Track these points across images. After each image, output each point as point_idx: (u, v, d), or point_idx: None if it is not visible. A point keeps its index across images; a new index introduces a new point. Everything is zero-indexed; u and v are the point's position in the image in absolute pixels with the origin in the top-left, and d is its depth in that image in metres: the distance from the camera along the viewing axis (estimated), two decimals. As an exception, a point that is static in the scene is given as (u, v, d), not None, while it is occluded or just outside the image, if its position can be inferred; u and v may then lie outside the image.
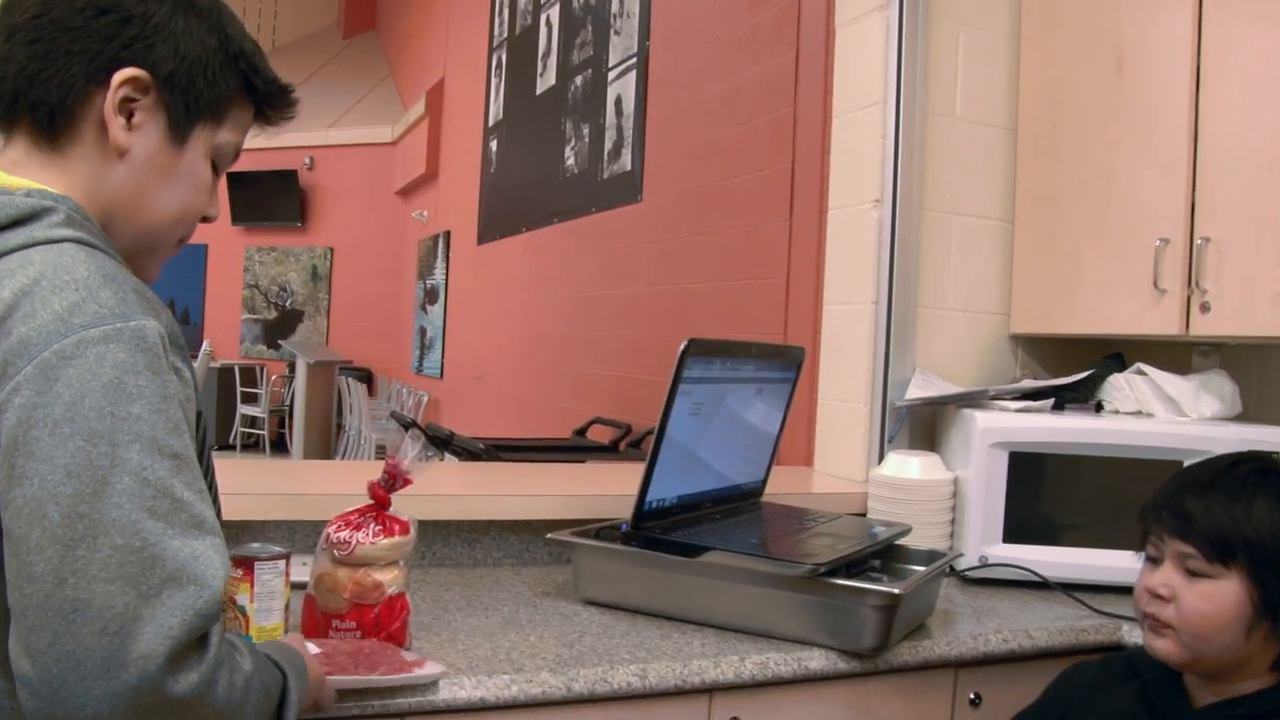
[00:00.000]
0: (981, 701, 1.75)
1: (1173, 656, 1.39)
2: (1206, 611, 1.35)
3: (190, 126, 1.13)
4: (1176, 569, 1.39)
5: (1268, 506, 1.35)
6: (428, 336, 10.81)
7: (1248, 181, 1.98)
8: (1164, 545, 1.41)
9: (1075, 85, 2.33)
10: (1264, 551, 1.33)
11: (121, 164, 1.09)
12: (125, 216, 1.10)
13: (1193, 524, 1.37)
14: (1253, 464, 1.42)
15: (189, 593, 0.92)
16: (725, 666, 1.53)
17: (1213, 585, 1.35)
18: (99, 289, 0.97)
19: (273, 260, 13.30)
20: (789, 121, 3.85)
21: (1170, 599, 1.38)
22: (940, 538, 2.14)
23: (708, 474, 1.93)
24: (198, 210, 1.17)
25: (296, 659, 1.16)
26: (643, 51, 5.48)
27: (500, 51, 8.48)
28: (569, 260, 6.63)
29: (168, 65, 1.09)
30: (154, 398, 0.95)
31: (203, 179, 1.17)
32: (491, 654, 1.49)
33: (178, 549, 0.93)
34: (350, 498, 1.48)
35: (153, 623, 0.89)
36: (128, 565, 0.90)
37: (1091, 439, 2.07)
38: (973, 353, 2.46)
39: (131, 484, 0.92)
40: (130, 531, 0.91)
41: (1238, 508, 1.35)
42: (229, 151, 1.20)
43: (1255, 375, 2.32)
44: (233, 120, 1.18)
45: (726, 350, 1.86)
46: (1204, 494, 1.38)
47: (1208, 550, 1.36)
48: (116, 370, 0.94)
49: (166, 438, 0.95)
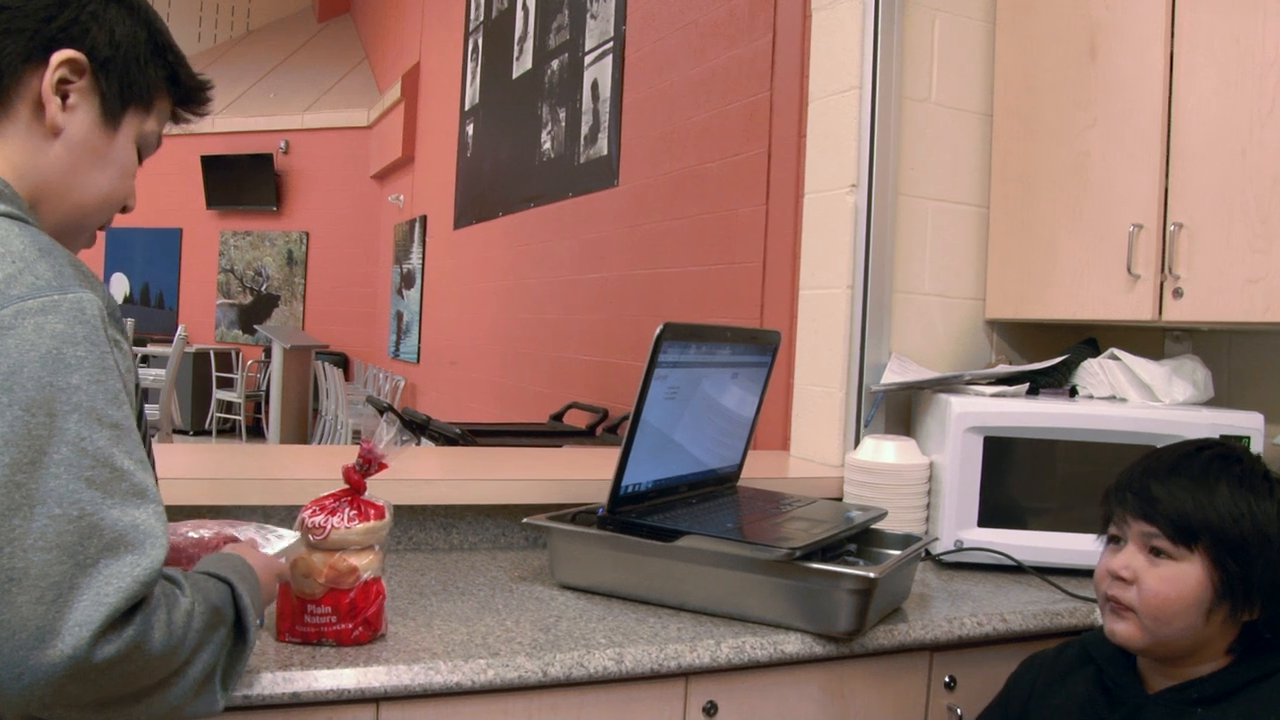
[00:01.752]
0: (956, 684, 1.76)
1: (1133, 639, 1.40)
2: (1168, 594, 1.37)
3: (123, 111, 1.14)
4: (1139, 550, 1.40)
5: (1230, 491, 1.36)
6: (404, 321, 10.78)
7: (1220, 167, 1.99)
8: (1127, 527, 1.42)
9: (1050, 70, 2.33)
10: (1225, 535, 1.35)
11: (55, 144, 1.10)
12: (55, 196, 1.11)
13: (1157, 505, 1.39)
14: (1216, 450, 1.43)
15: (126, 561, 0.93)
16: (701, 650, 1.54)
17: (1175, 567, 1.37)
18: (35, 261, 0.97)
19: (248, 244, 13.21)
20: (765, 106, 3.85)
21: (1132, 581, 1.40)
22: (916, 522, 2.15)
23: (683, 458, 1.93)
24: (121, 197, 1.18)
25: (239, 564, 1.18)
26: (619, 36, 5.46)
27: (476, 35, 8.44)
28: (545, 245, 6.61)
29: (104, 50, 1.11)
30: (93, 368, 0.96)
31: (130, 165, 1.18)
32: (468, 638, 1.49)
33: (116, 518, 0.94)
34: (325, 482, 1.48)
35: (89, 591, 0.91)
36: (65, 534, 0.91)
37: (1066, 424, 2.08)
38: (948, 338, 2.47)
39: (70, 454, 0.93)
40: (68, 501, 0.92)
41: (1201, 491, 1.37)
42: (153, 140, 1.21)
43: (1227, 360, 2.33)
44: (158, 110, 1.20)
45: (702, 335, 1.86)
46: (1168, 477, 1.40)
47: (1171, 531, 1.37)
48: (55, 341, 0.94)
49: (106, 408, 0.96)
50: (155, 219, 12.77)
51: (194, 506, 1.84)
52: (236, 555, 1.21)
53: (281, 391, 10.05)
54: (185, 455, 2.65)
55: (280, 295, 13.10)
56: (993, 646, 1.79)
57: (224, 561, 1.17)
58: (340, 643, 1.41)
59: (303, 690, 1.31)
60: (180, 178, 12.49)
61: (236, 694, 1.27)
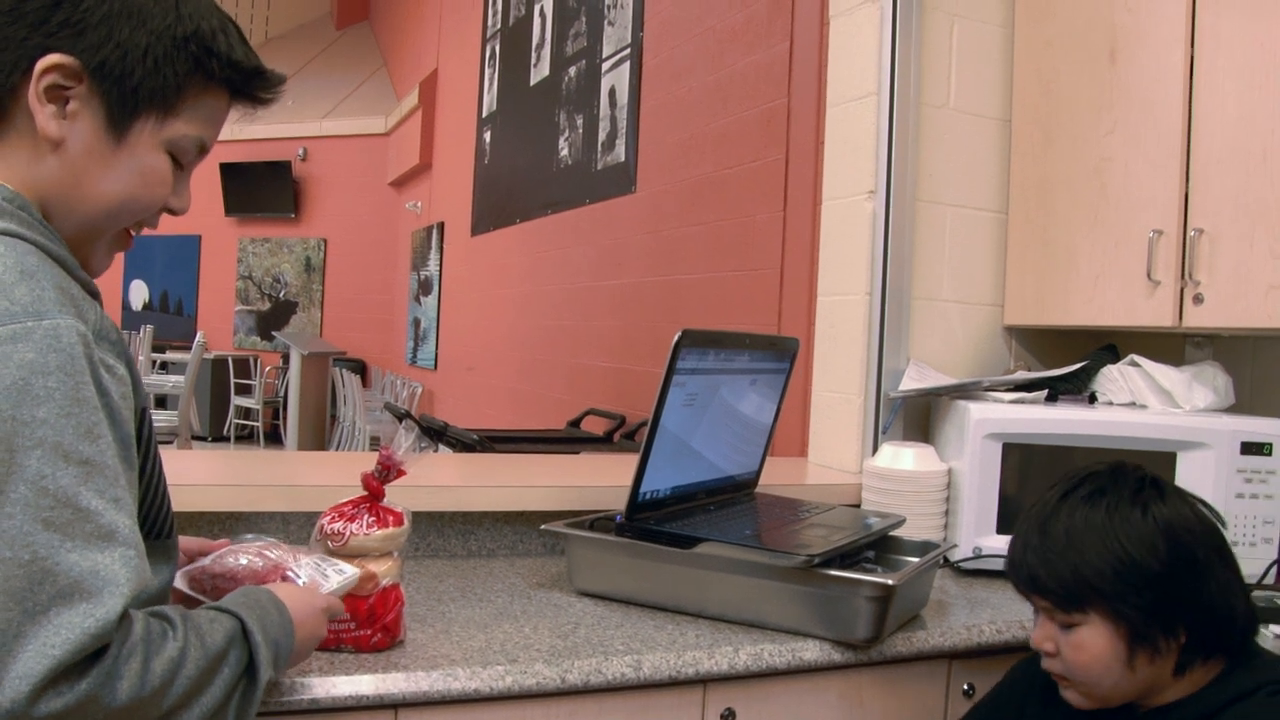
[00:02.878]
0: (975, 692, 1.76)
1: (1081, 705, 1.40)
2: (1084, 660, 1.35)
3: (131, 118, 1.06)
4: (1048, 621, 1.40)
5: (1099, 537, 1.33)
6: (422, 328, 10.80)
7: (1241, 173, 1.98)
8: (1030, 599, 1.42)
9: (1068, 76, 2.33)
10: (1108, 587, 1.32)
11: (55, 154, 1.04)
12: (61, 206, 1.05)
13: (1036, 580, 1.37)
14: (1085, 486, 1.39)
15: (79, 611, 0.87)
16: (719, 657, 1.53)
17: (1081, 633, 1.35)
18: (13, 285, 0.92)
19: (266, 251, 13.27)
20: (783, 112, 3.85)
21: (1055, 653, 1.39)
22: (934, 529, 2.15)
23: (702, 465, 1.93)
24: (148, 203, 1.11)
25: (262, 598, 1.11)
26: (636, 42, 5.47)
27: (494, 42, 8.46)
28: (563, 251, 6.62)
29: (98, 54, 1.03)
30: (64, 400, 0.90)
31: (155, 172, 1.10)
32: (486, 645, 1.49)
33: (74, 563, 0.88)
34: (344, 489, 1.48)
35: (35, 640, 0.85)
36: (13, 579, 0.85)
37: (1085, 430, 2.08)
38: (966, 344, 2.46)
39: (27, 493, 0.87)
40: (20, 544, 0.86)
41: (1070, 551, 1.34)
42: (190, 145, 1.12)
43: (1248, 366, 2.32)
44: (191, 110, 1.10)
45: (720, 341, 1.85)
46: (1040, 541, 1.37)
47: (1060, 603, 1.36)
48: (22, 371, 0.89)
49: (76, 443, 0.90)
50: (174, 226, 12.73)
51: (214, 513, 1.85)
52: (265, 590, 1.15)
53: (299, 398, 10.10)
54: (206, 462, 2.67)
55: (298, 302, 13.15)
56: (1012, 654, 1.77)
57: (246, 596, 1.11)
58: (359, 649, 1.42)
59: (321, 696, 1.31)
60: (199, 185, 12.16)
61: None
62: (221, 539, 1.41)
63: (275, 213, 13.03)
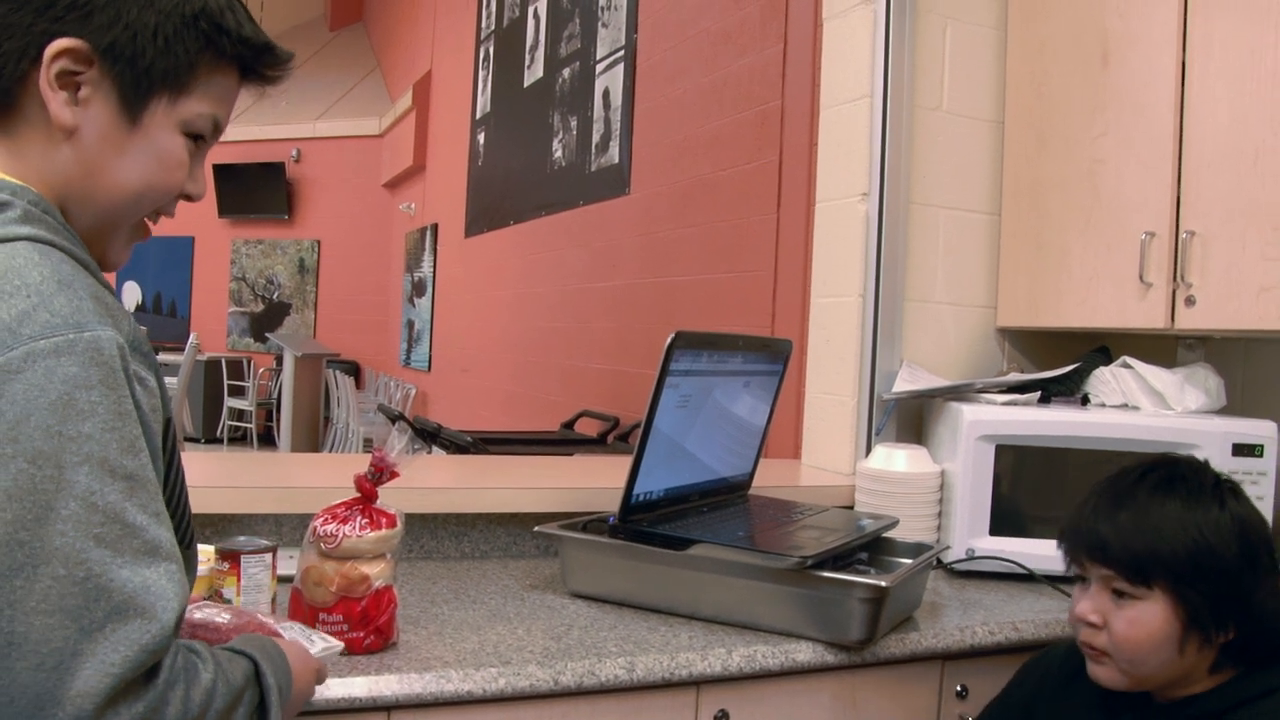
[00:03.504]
0: (968, 694, 1.76)
1: (1114, 683, 1.39)
2: (1136, 636, 1.35)
3: (145, 99, 1.03)
4: (1103, 593, 1.39)
5: (1178, 518, 1.33)
6: (415, 329, 10.79)
7: (1232, 175, 1.98)
8: (1087, 569, 1.41)
9: (1061, 79, 2.33)
10: (1180, 567, 1.32)
11: (69, 143, 1.01)
12: (80, 198, 1.03)
13: (1108, 548, 1.36)
14: (1160, 472, 1.40)
15: (135, 627, 0.86)
16: (713, 659, 1.54)
17: (1139, 607, 1.35)
18: (52, 296, 0.90)
19: (259, 253, 13.25)
20: (776, 114, 3.86)
21: (1101, 625, 1.38)
22: (927, 530, 2.15)
23: (695, 467, 1.93)
24: (166, 188, 1.09)
25: (267, 644, 1.11)
26: (630, 44, 5.47)
27: (488, 44, 8.46)
28: (556, 253, 6.62)
29: (108, 34, 1.00)
30: (108, 415, 0.89)
31: (171, 155, 1.07)
32: (479, 647, 1.49)
33: (126, 579, 0.87)
34: (337, 491, 1.48)
35: (94, 659, 0.84)
36: (69, 597, 0.84)
37: (1077, 432, 2.08)
38: (959, 346, 2.47)
39: (78, 509, 0.86)
40: (74, 561, 0.85)
41: (1148, 525, 1.34)
42: (205, 124, 1.09)
43: (1240, 368, 2.33)
44: (203, 88, 1.07)
45: (713, 343, 1.86)
46: (1115, 514, 1.37)
47: (1127, 573, 1.35)
48: (66, 385, 0.87)
49: (120, 458, 0.89)
50: (167, 228, 12.19)
51: (208, 515, 1.85)
52: (269, 639, 1.14)
53: (293, 400, 10.09)
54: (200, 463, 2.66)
55: (292, 303, 13.14)
56: (1005, 655, 1.78)
57: (252, 641, 1.10)
58: (352, 651, 1.42)
59: (314, 699, 1.31)
60: None
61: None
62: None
63: (269, 214, 13.01)
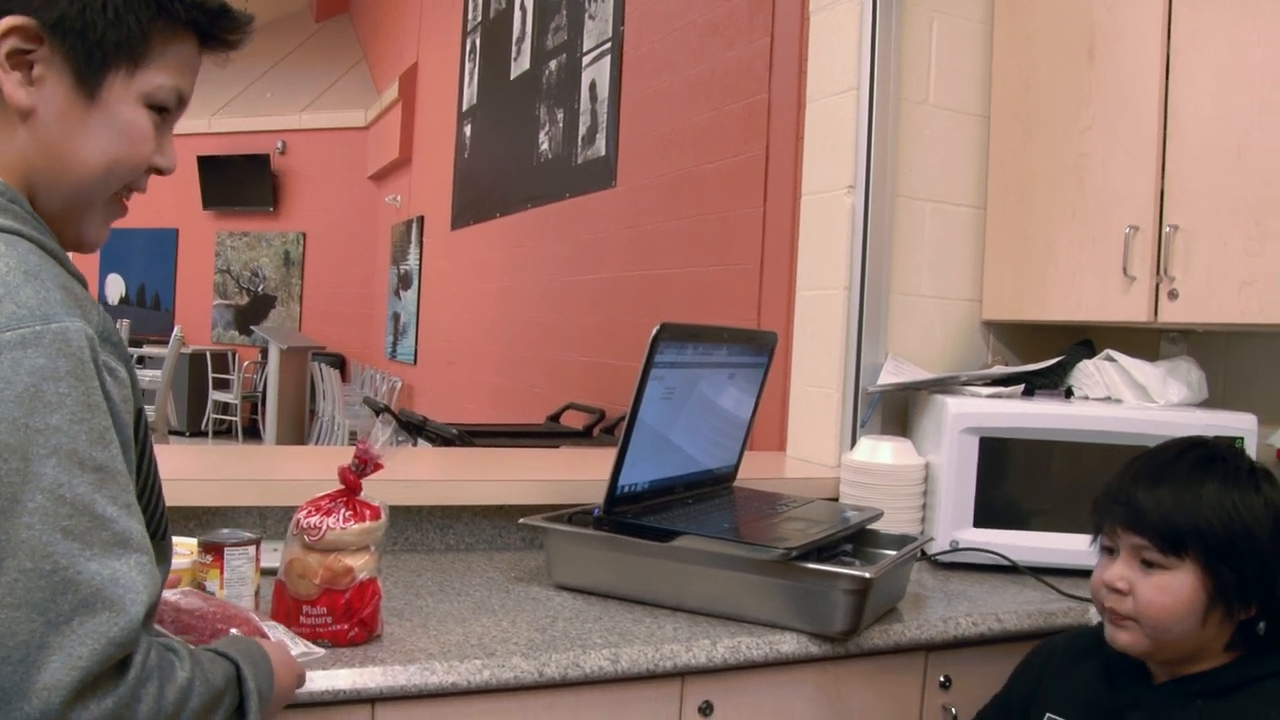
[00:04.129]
0: (952, 684, 1.77)
1: (1134, 647, 1.41)
2: (1164, 603, 1.37)
3: (100, 74, 1.01)
4: (1132, 561, 1.41)
5: (1216, 495, 1.36)
6: (401, 322, 10.77)
7: (1216, 170, 1.99)
8: (1118, 538, 1.42)
9: (1047, 72, 2.34)
10: (1215, 541, 1.35)
11: (27, 126, 1.00)
12: (46, 181, 1.02)
13: (1144, 517, 1.39)
14: (1201, 450, 1.43)
15: (102, 619, 0.86)
16: (697, 650, 1.54)
17: (1168, 576, 1.37)
18: (18, 287, 0.90)
19: (245, 245, 13.21)
20: (763, 107, 3.86)
21: (1127, 592, 1.40)
22: (911, 522, 2.15)
23: (680, 459, 1.93)
24: (134, 163, 1.06)
25: (252, 647, 1.12)
26: (617, 36, 5.46)
27: (474, 35, 8.44)
28: (543, 246, 6.61)
29: (54, 9, 0.98)
30: (76, 406, 0.89)
31: (135, 128, 1.05)
32: (464, 639, 1.49)
33: (94, 571, 0.87)
34: (321, 483, 1.47)
35: (60, 651, 0.84)
36: (35, 590, 0.84)
37: (1061, 425, 2.09)
38: (944, 339, 2.47)
39: (45, 502, 0.86)
40: (41, 554, 0.85)
41: (1187, 498, 1.37)
42: (168, 95, 1.06)
43: (1222, 362, 2.34)
44: (161, 59, 1.05)
45: (699, 335, 1.86)
46: (1154, 485, 1.40)
47: (1160, 543, 1.37)
48: (34, 377, 0.87)
49: (89, 450, 0.89)
50: (151, 219, 12.75)
51: (192, 508, 1.85)
52: (254, 641, 1.14)
53: (278, 393, 10.05)
54: (183, 456, 2.66)
55: (277, 296, 13.10)
56: (988, 646, 1.79)
57: (237, 644, 1.10)
58: (336, 643, 1.41)
59: (299, 691, 1.31)
60: (176, 178, 11.88)
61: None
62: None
63: (254, 206, 12.96)
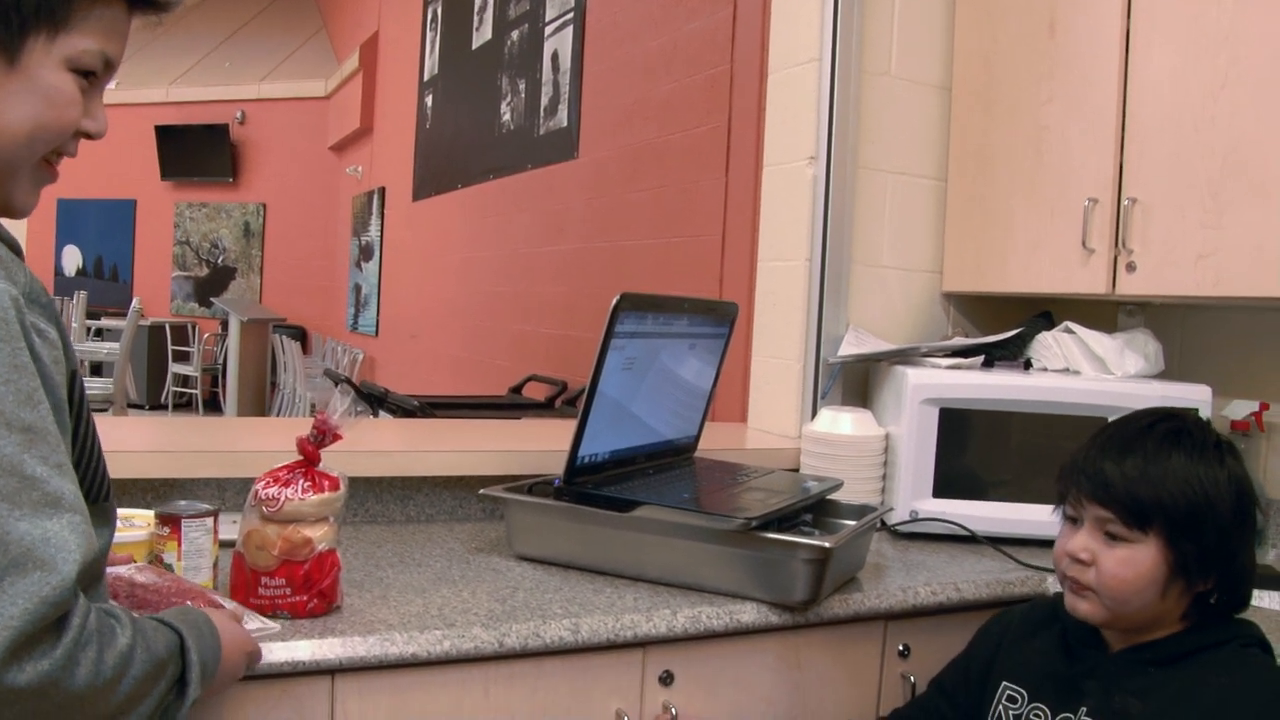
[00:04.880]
0: (910, 653, 1.78)
1: (1093, 616, 1.43)
2: (1125, 575, 1.38)
3: (19, 39, 0.99)
4: (1095, 532, 1.42)
5: (1183, 469, 1.37)
6: (363, 294, 10.71)
7: (1173, 144, 2.00)
8: (1083, 509, 1.43)
9: (1009, 45, 2.34)
10: (1179, 516, 1.36)
11: None
12: None
13: (1110, 489, 1.40)
14: (1168, 423, 1.44)
15: (33, 579, 0.86)
16: (658, 620, 1.54)
17: (1131, 550, 1.38)
18: None
19: (204, 216, 13.06)
20: (725, 78, 3.85)
21: (1090, 562, 1.41)
22: (871, 493, 2.17)
23: (641, 429, 1.93)
24: (59, 128, 1.04)
25: (199, 618, 1.11)
26: (580, 6, 5.43)
27: (435, 4, 8.36)
28: (505, 217, 6.58)
29: None
30: (2, 368, 0.89)
31: (60, 93, 1.02)
32: (424, 610, 1.49)
33: (24, 531, 0.87)
34: (281, 454, 1.46)
35: None
36: None
37: (1020, 396, 2.10)
38: (905, 310, 2.49)
39: None
40: None
41: (1153, 472, 1.38)
42: (94, 60, 1.04)
43: (1178, 334, 2.36)
44: (84, 22, 1.02)
45: (659, 305, 1.85)
46: (1121, 458, 1.40)
47: (1126, 517, 1.38)
48: None
49: (16, 410, 0.89)
50: (108, 190, 12.59)
51: (149, 480, 1.83)
52: (202, 613, 1.13)
53: (239, 365, 9.97)
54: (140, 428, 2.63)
55: (237, 268, 12.97)
56: (946, 615, 1.80)
57: (184, 614, 1.09)
58: (295, 615, 1.40)
59: (258, 664, 1.30)
60: (134, 148, 12.27)
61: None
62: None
63: (213, 176, 12.81)
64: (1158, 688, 1.38)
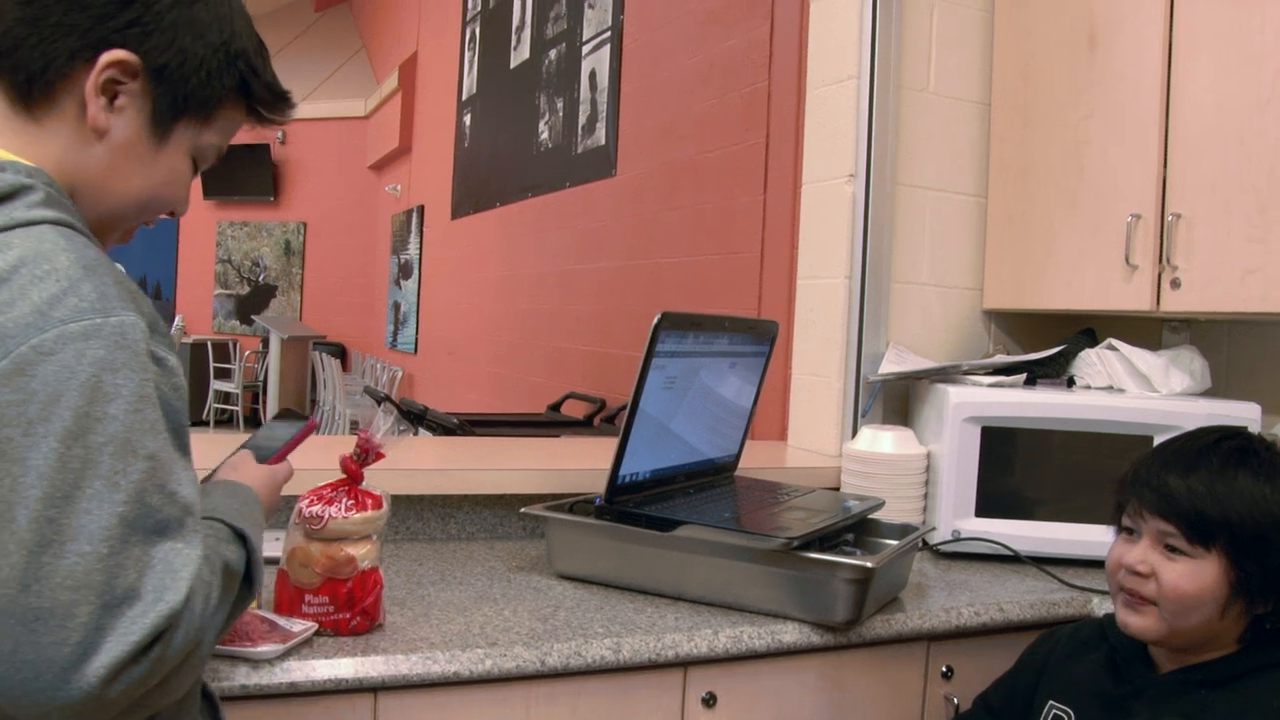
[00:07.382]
0: (953, 674, 1.77)
1: (1147, 632, 1.40)
2: (1187, 589, 1.36)
3: (174, 121, 1.10)
4: (1155, 545, 1.39)
5: (1250, 488, 1.35)
6: (401, 311, 10.77)
7: (1218, 158, 1.98)
8: (1143, 521, 1.40)
9: (1048, 60, 2.33)
10: (1244, 534, 1.33)
11: (98, 145, 1.06)
12: (91, 195, 1.07)
13: (1175, 503, 1.37)
14: (1236, 441, 1.41)
15: (148, 601, 0.89)
16: (699, 640, 1.54)
17: (1192, 564, 1.36)
18: (80, 281, 0.94)
19: (245, 235, 13.20)
20: (763, 95, 3.85)
21: (1149, 575, 1.38)
22: (913, 512, 2.15)
23: (681, 448, 1.93)
24: (166, 203, 1.15)
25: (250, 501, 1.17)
26: (617, 25, 5.45)
27: (474, 24, 8.42)
28: (543, 235, 6.60)
29: (160, 57, 1.06)
30: (131, 397, 0.93)
31: (181, 175, 1.14)
32: (465, 628, 1.49)
33: (148, 555, 0.91)
34: (323, 473, 1.47)
35: (114, 633, 0.87)
36: (93, 574, 0.87)
37: (1063, 414, 2.08)
38: (946, 328, 2.47)
39: (103, 488, 0.89)
40: (99, 538, 0.88)
41: (1220, 488, 1.35)
42: (210, 153, 1.16)
43: (1224, 351, 2.34)
44: (222, 121, 1.15)
45: (700, 324, 1.85)
46: (1187, 472, 1.38)
47: (1189, 531, 1.36)
48: (95, 368, 0.91)
49: (143, 439, 0.93)
50: None
51: (191, 496, 1.84)
52: (245, 488, 1.19)
53: (279, 382, 10.07)
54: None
55: (278, 286, 13.09)
56: (989, 636, 1.79)
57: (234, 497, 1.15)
58: (338, 633, 1.41)
59: (300, 680, 1.31)
60: None
61: (233, 684, 1.28)
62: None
63: (254, 196, 12.95)
64: (1208, 710, 1.36)
